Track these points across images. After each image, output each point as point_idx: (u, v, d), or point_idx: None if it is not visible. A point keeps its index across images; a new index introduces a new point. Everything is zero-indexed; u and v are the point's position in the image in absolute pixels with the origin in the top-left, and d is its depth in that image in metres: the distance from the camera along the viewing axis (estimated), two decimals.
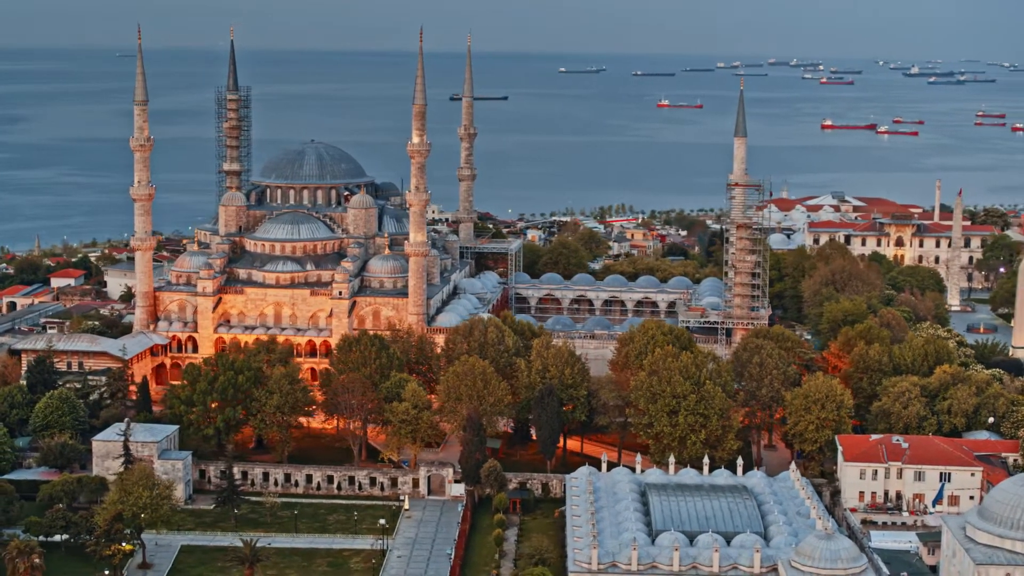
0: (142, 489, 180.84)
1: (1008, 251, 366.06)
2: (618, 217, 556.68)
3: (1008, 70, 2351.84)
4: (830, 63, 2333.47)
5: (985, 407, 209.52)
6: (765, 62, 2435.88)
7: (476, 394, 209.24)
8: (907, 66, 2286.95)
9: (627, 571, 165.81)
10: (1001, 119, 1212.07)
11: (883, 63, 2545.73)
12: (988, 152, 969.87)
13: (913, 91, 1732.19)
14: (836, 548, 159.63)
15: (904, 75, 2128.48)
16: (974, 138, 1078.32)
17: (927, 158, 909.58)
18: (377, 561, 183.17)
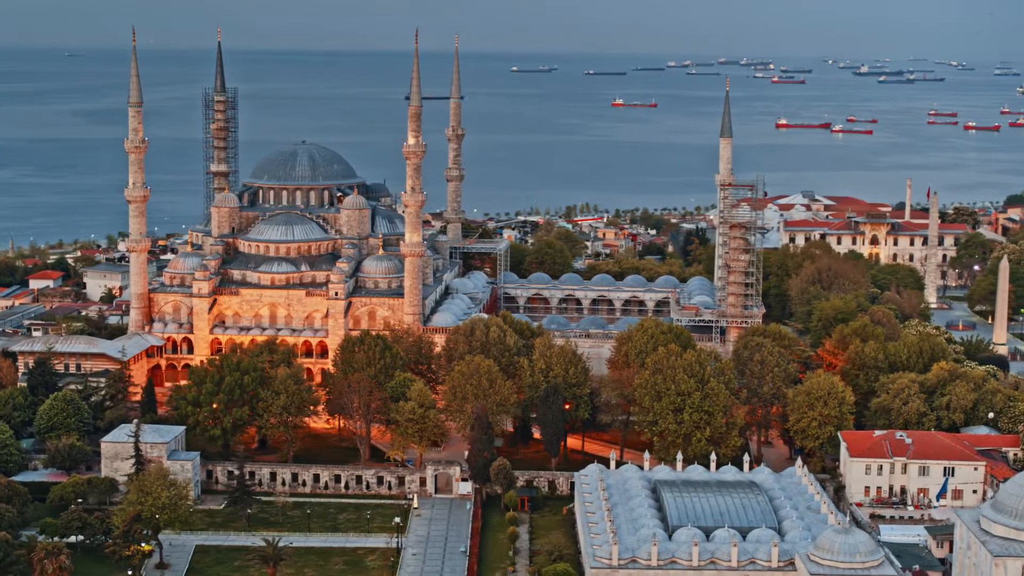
0: (160, 489, 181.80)
1: (982, 249, 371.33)
2: (584, 216, 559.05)
3: (956, 69, 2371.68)
4: (780, 62, 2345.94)
5: (983, 403, 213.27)
6: (716, 61, 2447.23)
7: (482, 393, 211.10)
8: (856, 65, 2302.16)
9: (647, 566, 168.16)
10: (953, 118, 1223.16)
11: (832, 62, 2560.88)
12: (942, 151, 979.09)
13: (864, 90, 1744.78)
14: (854, 542, 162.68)
15: (854, 74, 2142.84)
16: (928, 136, 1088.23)
17: (883, 157, 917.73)
18: (393, 559, 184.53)
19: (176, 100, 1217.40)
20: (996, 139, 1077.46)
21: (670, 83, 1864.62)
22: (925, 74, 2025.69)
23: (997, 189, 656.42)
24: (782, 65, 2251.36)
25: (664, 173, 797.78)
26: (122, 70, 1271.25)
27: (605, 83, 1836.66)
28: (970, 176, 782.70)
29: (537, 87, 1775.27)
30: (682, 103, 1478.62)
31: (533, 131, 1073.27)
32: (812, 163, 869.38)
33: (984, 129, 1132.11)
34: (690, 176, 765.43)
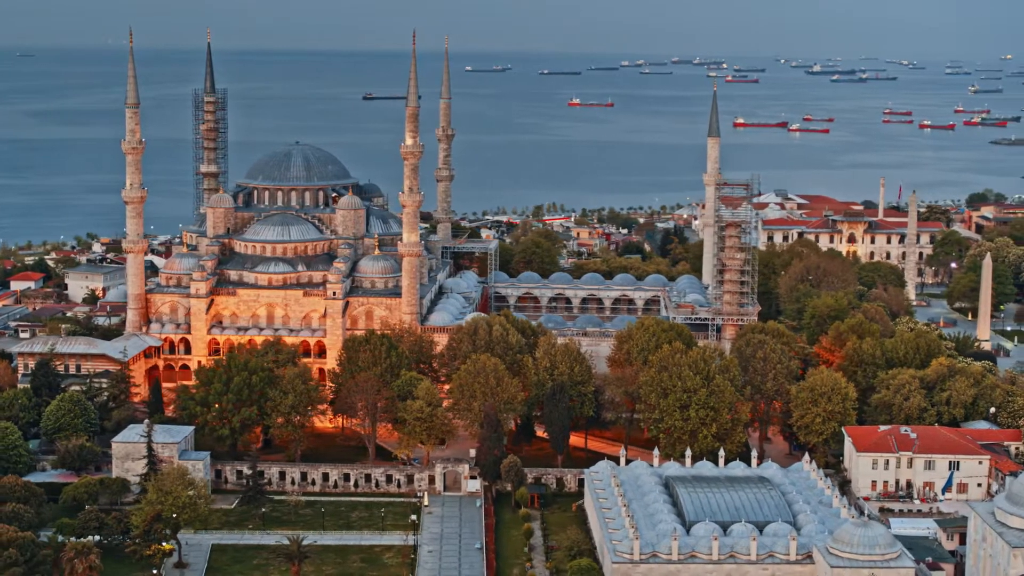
0: (180, 488, 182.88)
1: (957, 247, 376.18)
2: (552, 216, 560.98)
3: (908, 68, 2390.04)
4: (733, 62, 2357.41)
5: (983, 398, 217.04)
6: (669, 61, 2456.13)
7: (489, 391, 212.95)
8: (809, 64, 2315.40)
9: (667, 561, 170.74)
10: (908, 116, 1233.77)
11: (784, 61, 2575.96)
12: (899, 149, 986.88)
13: (818, 89, 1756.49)
14: (873, 535, 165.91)
15: (807, 73, 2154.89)
16: (884, 135, 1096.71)
17: (841, 155, 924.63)
18: (413, 557, 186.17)
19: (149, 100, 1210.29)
20: (951, 138, 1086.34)
21: (624, 83, 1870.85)
22: (877, 73, 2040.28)
23: (958, 188, 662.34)
24: (735, 64, 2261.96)
25: (625, 172, 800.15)
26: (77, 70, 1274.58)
27: (560, 83, 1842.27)
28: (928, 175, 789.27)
29: (492, 87, 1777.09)
30: (637, 103, 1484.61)
31: (493, 131, 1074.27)
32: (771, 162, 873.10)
33: (939, 128, 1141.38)
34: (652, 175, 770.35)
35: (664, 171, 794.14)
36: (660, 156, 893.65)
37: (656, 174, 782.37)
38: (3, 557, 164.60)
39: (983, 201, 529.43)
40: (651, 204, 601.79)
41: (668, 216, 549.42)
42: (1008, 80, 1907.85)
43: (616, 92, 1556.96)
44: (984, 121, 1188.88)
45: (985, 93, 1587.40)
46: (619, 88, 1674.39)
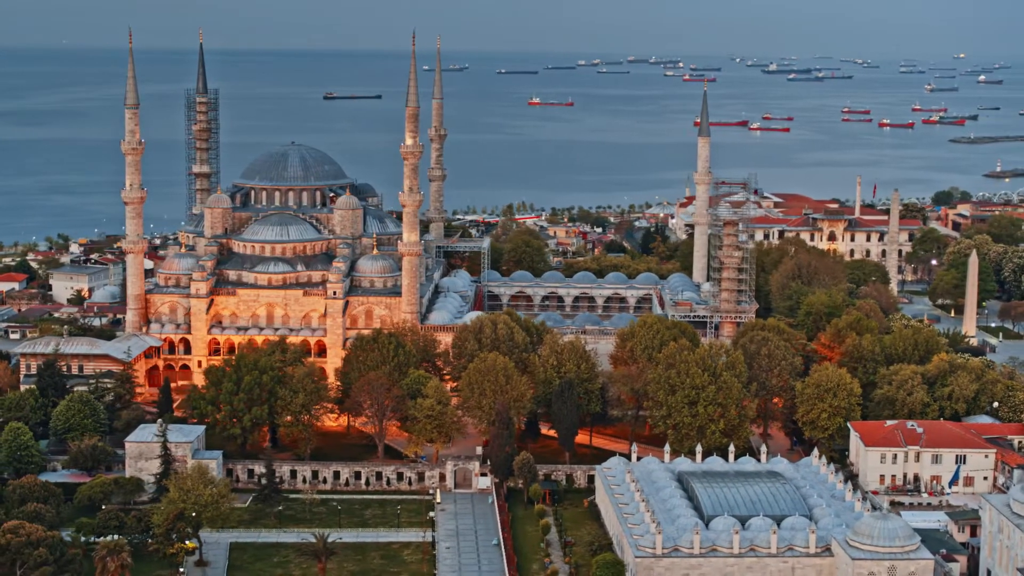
0: (202, 487, 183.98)
1: (936, 244, 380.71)
2: (522, 215, 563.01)
3: (863, 67, 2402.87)
4: (688, 60, 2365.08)
5: (984, 392, 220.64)
6: (625, 60, 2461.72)
7: (499, 389, 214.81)
8: (765, 63, 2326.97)
9: (689, 555, 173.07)
10: (867, 115, 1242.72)
11: (739, 60, 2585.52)
12: (860, 148, 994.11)
13: (775, 88, 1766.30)
14: (893, 527, 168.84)
15: (763, 72, 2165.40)
16: (844, 134, 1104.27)
17: (803, 154, 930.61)
18: (434, 552, 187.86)
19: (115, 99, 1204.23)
20: (911, 136, 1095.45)
21: (582, 82, 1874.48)
22: (833, 72, 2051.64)
23: (922, 186, 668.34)
24: (691, 63, 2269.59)
25: (590, 172, 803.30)
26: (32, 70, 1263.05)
27: (518, 82, 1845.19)
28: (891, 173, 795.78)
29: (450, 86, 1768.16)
30: (596, 101, 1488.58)
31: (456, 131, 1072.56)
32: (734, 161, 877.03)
33: (898, 126, 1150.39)
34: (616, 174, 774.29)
35: (629, 170, 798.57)
36: (623, 155, 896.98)
37: (621, 173, 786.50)
38: (33, 556, 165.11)
39: (949, 199, 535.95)
40: (620, 203, 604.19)
41: (639, 215, 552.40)
42: (962, 79, 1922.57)
43: (575, 91, 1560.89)
44: (942, 119, 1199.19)
45: (941, 91, 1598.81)
46: (577, 87, 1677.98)
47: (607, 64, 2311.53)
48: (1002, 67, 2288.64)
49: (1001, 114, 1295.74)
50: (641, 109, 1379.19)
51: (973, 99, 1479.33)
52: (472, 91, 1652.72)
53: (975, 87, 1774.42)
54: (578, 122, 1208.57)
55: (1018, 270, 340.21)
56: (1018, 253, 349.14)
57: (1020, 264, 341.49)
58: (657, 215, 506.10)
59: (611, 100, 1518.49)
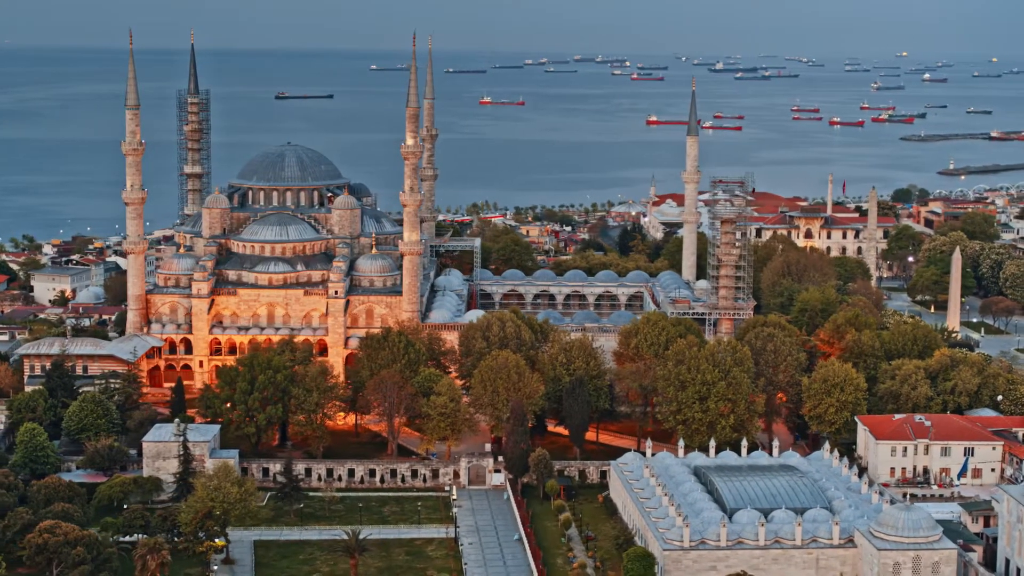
0: (230, 486, 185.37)
1: (912, 241, 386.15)
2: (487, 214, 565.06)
3: (807, 65, 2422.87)
4: (635, 60, 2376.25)
5: (986, 386, 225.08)
6: (571, 59, 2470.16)
7: (511, 386, 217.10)
8: (711, 62, 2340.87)
9: (716, 547, 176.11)
10: (816, 113, 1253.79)
11: (685, 59, 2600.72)
12: (813, 146, 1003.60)
13: (723, 86, 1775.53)
14: (917, 518, 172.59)
15: (710, 71, 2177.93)
16: (795, 132, 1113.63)
17: (756, 152, 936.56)
18: (454, 548, 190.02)
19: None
20: (861, 134, 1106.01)
21: (530, 81, 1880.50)
22: (779, 70, 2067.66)
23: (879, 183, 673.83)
24: (638, 62, 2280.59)
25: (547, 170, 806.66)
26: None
27: (466, 81, 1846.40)
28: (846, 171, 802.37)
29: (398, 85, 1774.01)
30: (546, 101, 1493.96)
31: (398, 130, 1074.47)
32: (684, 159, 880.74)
33: (849, 125, 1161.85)
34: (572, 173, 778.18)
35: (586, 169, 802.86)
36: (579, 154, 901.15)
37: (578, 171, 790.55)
38: (71, 556, 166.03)
39: (909, 197, 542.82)
40: (582, 202, 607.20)
41: (602, 213, 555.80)
42: (907, 77, 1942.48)
43: (524, 90, 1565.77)
44: (892, 118, 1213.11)
45: (887, 90, 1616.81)
46: (526, 87, 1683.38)
47: (554, 63, 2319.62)
48: (944, 65, 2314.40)
49: (948, 112, 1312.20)
50: (592, 108, 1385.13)
51: (919, 97, 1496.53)
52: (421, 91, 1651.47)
53: (920, 85, 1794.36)
54: (531, 121, 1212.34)
55: (996, 266, 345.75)
56: (995, 250, 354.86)
57: (998, 261, 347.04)
58: (629, 213, 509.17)
59: (561, 99, 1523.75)
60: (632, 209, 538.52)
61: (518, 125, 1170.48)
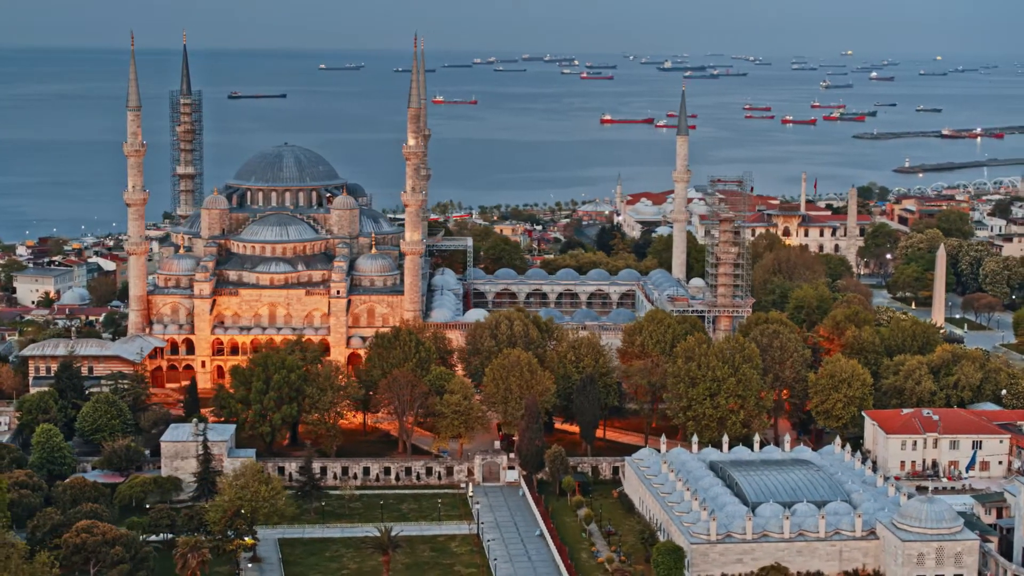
0: (258, 484, 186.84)
1: (888, 239, 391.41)
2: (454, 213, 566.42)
3: (755, 64, 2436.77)
4: (583, 58, 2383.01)
5: (988, 381, 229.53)
6: (520, 58, 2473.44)
7: (524, 384, 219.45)
8: (659, 60, 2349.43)
9: (742, 540, 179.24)
10: (768, 112, 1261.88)
11: (633, 58, 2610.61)
12: (767, 144, 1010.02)
13: (672, 85, 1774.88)
14: (939, 510, 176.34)
15: (659, 70, 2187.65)
16: (749, 131, 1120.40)
17: (712, 151, 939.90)
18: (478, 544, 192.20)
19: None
20: (814, 132, 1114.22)
21: (480, 80, 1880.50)
22: (728, 69, 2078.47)
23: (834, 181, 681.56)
24: (587, 61, 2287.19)
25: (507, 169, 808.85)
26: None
27: None
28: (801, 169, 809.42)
29: (347, 85, 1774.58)
30: (498, 100, 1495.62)
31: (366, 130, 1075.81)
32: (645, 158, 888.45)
33: (801, 123, 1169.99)
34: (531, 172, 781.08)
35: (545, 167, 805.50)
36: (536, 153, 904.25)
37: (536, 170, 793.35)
38: (110, 555, 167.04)
39: (870, 195, 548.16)
40: (545, 200, 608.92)
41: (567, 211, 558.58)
42: (854, 75, 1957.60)
43: (475, 89, 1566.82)
44: (843, 116, 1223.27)
45: (836, 88, 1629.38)
46: (476, 85, 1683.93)
47: (503, 62, 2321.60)
48: (890, 64, 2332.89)
49: (898, 110, 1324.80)
50: (544, 107, 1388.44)
51: (868, 96, 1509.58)
52: (372, 91, 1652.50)
53: (868, 84, 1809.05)
54: (484, 120, 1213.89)
55: (975, 263, 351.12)
56: (974, 247, 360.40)
57: (976, 258, 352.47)
58: (601, 212, 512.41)
59: (513, 98, 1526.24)
60: (600, 208, 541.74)
61: (472, 124, 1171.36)
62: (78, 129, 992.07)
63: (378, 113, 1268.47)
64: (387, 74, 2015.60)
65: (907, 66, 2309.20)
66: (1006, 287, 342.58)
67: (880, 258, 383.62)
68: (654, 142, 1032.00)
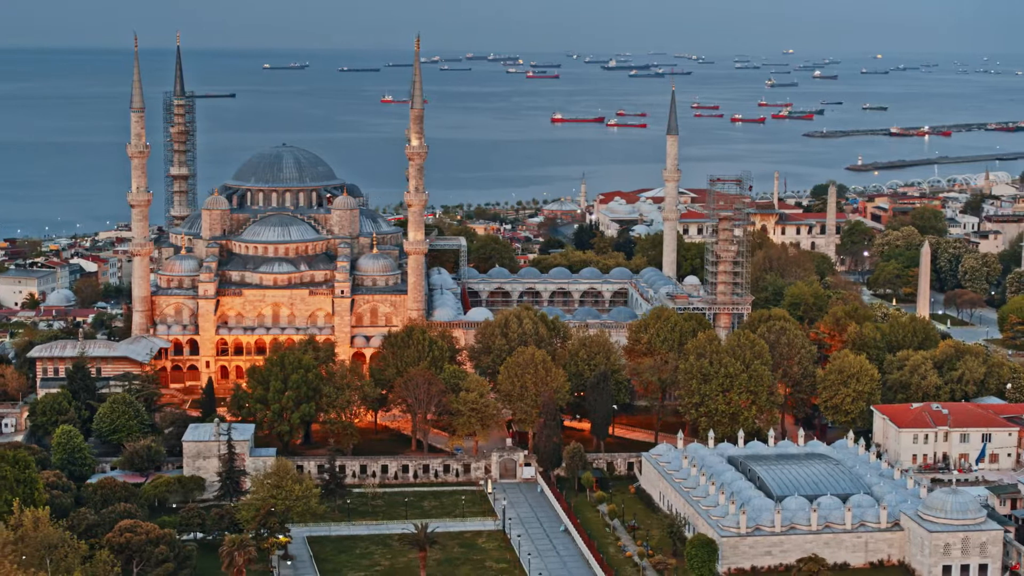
0: (292, 483, 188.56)
1: (864, 236, 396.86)
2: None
3: (697, 63, 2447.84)
4: (527, 57, 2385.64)
5: (992, 375, 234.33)
6: (464, 57, 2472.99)
7: (539, 381, 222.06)
8: (603, 60, 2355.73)
9: (771, 533, 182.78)
10: (716, 110, 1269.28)
11: (576, 56, 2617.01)
12: (718, 143, 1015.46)
13: (618, 84, 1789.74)
14: (964, 501, 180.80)
15: (603, 68, 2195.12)
16: (699, 129, 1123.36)
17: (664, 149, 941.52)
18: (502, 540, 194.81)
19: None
20: (763, 131, 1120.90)
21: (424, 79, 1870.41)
22: (672, 68, 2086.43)
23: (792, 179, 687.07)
24: (531, 60, 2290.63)
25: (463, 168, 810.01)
26: None
27: (360, 79, 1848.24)
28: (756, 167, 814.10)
29: (293, 84, 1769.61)
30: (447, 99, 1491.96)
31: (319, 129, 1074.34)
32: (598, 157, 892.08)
33: (750, 121, 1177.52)
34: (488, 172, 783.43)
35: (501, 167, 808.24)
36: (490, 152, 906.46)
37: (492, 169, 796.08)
38: (155, 555, 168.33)
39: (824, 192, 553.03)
40: (507, 199, 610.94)
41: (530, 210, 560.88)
42: (798, 74, 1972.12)
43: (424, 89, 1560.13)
44: (791, 114, 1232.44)
45: (781, 87, 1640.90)
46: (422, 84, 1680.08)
47: (447, 61, 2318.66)
48: (831, 62, 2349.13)
49: (844, 109, 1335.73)
50: (493, 106, 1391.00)
51: (813, 94, 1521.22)
52: (317, 90, 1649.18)
53: (812, 82, 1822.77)
54: (435, 119, 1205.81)
55: (953, 260, 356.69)
56: (952, 244, 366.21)
57: (955, 255, 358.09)
58: (573, 211, 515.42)
59: (461, 97, 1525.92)
60: (566, 207, 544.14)
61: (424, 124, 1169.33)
62: (29, 130, 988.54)
63: (330, 112, 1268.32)
64: (332, 73, 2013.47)
65: (848, 64, 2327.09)
66: (985, 283, 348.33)
67: (857, 255, 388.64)
68: (606, 140, 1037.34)
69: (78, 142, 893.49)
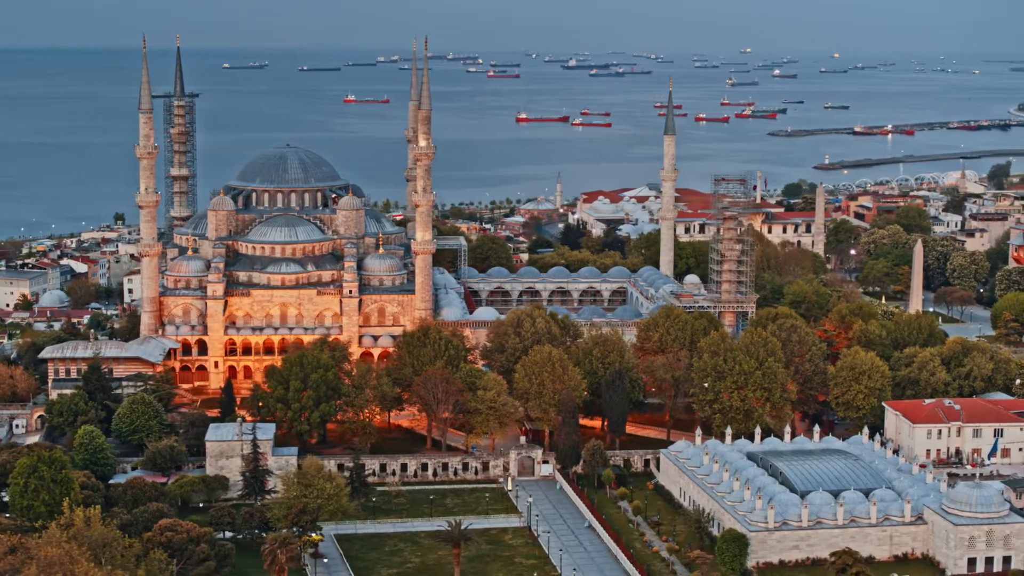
0: (323, 482, 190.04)
1: (850, 235, 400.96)
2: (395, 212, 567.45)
3: (656, 62, 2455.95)
4: (487, 57, 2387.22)
5: (999, 371, 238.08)
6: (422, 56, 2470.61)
7: (557, 379, 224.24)
8: (563, 59, 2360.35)
9: (798, 527, 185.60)
10: (680, 109, 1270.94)
11: (536, 56, 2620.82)
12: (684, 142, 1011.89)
13: (579, 83, 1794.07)
14: (988, 494, 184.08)
15: (563, 68, 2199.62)
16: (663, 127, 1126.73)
17: (633, 148, 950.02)
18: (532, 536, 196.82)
19: None
20: (727, 130, 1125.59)
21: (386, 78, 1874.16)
22: (632, 67, 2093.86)
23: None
24: (490, 60, 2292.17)
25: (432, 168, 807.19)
26: None
27: (321, 79, 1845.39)
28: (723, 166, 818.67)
29: (253, 84, 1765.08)
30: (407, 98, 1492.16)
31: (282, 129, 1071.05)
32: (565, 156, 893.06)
33: (714, 120, 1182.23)
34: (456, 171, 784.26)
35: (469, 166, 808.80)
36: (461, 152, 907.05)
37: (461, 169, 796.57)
38: (196, 553, 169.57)
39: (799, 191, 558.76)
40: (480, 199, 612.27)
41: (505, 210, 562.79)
42: (757, 73, 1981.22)
43: (381, 88, 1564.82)
44: (755, 113, 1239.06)
45: (742, 86, 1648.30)
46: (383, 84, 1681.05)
47: (407, 60, 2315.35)
48: (789, 61, 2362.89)
49: (806, 108, 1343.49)
50: (457, 105, 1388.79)
51: (774, 93, 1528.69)
52: (279, 89, 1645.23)
53: (772, 81, 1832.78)
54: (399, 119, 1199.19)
55: (941, 258, 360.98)
56: (939, 243, 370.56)
57: (944, 253, 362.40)
58: (555, 210, 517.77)
59: None
60: (542, 206, 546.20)
61: (387, 123, 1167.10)
62: None
63: (294, 112, 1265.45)
64: (292, 73, 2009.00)
65: (806, 63, 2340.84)
66: (973, 281, 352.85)
67: (843, 254, 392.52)
68: (572, 140, 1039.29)
69: (51, 142, 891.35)
